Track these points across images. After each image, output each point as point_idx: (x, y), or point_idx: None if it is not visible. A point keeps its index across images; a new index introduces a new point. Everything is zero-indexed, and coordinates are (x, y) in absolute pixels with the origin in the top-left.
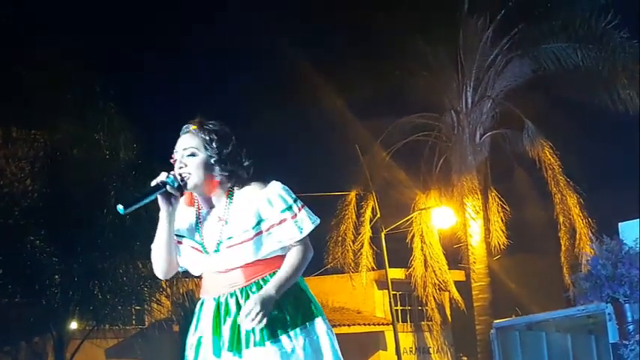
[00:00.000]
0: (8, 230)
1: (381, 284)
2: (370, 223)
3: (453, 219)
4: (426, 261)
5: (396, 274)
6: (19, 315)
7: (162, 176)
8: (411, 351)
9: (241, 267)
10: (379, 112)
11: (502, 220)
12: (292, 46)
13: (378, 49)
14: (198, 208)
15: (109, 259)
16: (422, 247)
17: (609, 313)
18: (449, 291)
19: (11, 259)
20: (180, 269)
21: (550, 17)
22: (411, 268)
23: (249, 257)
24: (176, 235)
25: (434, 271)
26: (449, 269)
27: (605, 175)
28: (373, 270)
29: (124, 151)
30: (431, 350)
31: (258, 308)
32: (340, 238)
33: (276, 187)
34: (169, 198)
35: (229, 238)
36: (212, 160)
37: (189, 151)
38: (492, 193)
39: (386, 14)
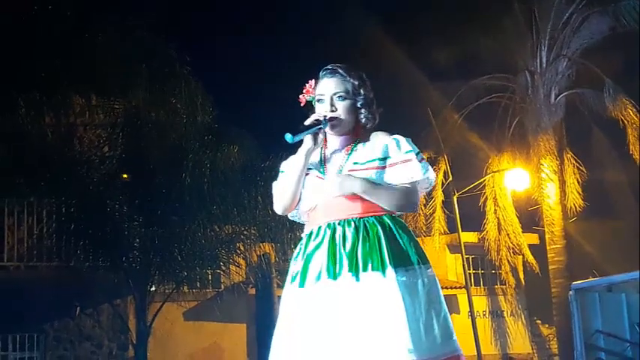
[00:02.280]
0: (88, 196)
1: (453, 248)
2: (442, 186)
3: (527, 181)
4: (499, 224)
5: (468, 237)
6: (101, 278)
7: (318, 115)
8: (484, 314)
9: (359, 196)
10: (451, 74)
11: (578, 182)
12: (363, 8)
13: (450, 9)
14: (325, 147)
15: (187, 222)
16: (495, 210)
17: None
18: (523, 254)
19: (92, 224)
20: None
21: None
22: (484, 232)
23: None
24: None
25: (507, 235)
26: (522, 232)
27: None
28: (446, 234)
29: (201, 116)
30: (504, 314)
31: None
32: None
33: (402, 137)
34: (316, 137)
35: (355, 163)
36: (359, 104)
37: (340, 95)
38: (568, 155)
39: None
